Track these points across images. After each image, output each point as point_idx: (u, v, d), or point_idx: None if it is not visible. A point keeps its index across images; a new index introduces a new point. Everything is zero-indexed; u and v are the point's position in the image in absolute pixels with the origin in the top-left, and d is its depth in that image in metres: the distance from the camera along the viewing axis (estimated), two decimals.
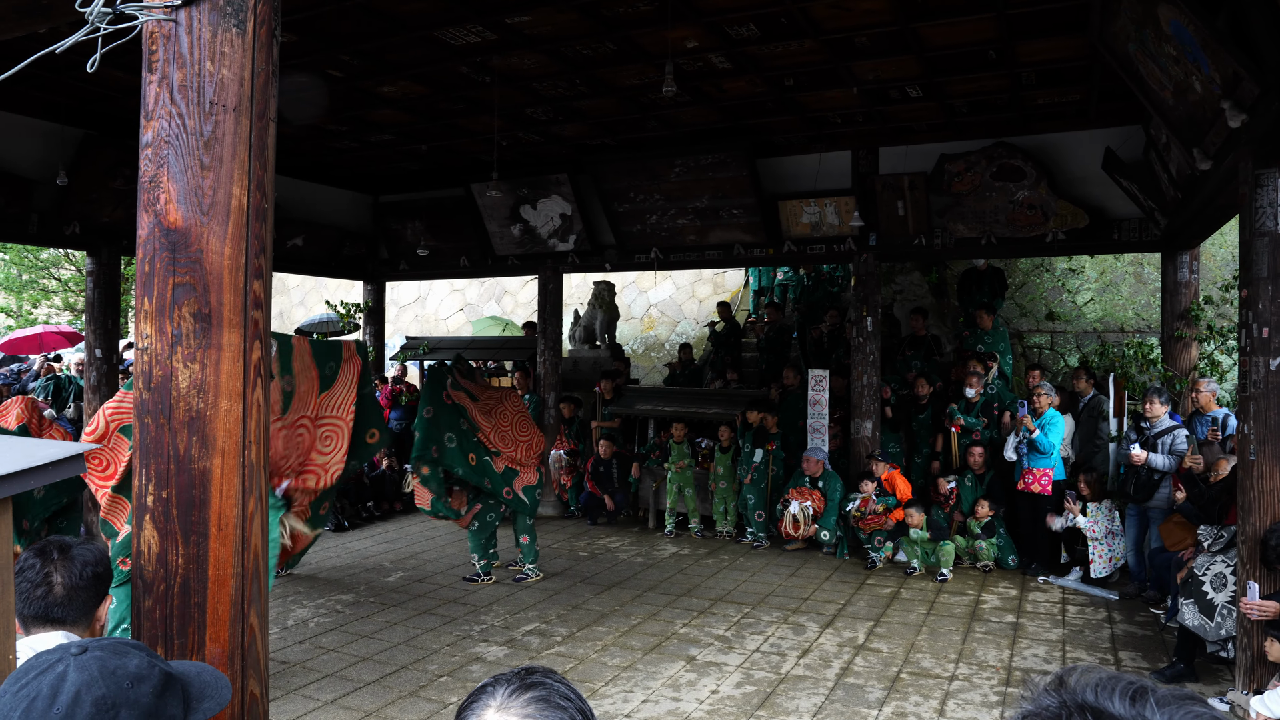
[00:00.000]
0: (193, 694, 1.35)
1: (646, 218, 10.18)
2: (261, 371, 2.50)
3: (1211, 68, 4.58)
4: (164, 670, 1.30)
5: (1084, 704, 0.77)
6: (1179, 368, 8.58)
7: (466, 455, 7.38)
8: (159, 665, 1.29)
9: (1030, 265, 12.00)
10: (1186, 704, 0.76)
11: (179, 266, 2.35)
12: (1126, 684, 0.78)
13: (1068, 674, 0.82)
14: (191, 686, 1.36)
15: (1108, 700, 0.77)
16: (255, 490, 2.48)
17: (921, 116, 8.53)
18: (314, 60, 7.12)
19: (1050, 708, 0.79)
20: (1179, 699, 0.76)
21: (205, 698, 1.37)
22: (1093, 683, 0.79)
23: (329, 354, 5.97)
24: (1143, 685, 0.78)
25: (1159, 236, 8.35)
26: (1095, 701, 0.77)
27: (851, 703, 5.12)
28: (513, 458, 7.68)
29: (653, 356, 16.30)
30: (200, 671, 1.41)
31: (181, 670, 1.37)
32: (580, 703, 1.05)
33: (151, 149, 2.39)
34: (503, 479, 7.60)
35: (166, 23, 2.36)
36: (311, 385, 5.84)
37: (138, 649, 1.29)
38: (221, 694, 1.40)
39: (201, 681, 1.39)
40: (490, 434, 7.55)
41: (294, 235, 11.11)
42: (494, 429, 7.60)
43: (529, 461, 7.80)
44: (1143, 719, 0.75)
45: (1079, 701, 0.78)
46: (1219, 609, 5.27)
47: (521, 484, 7.72)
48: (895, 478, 8.61)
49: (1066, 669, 0.83)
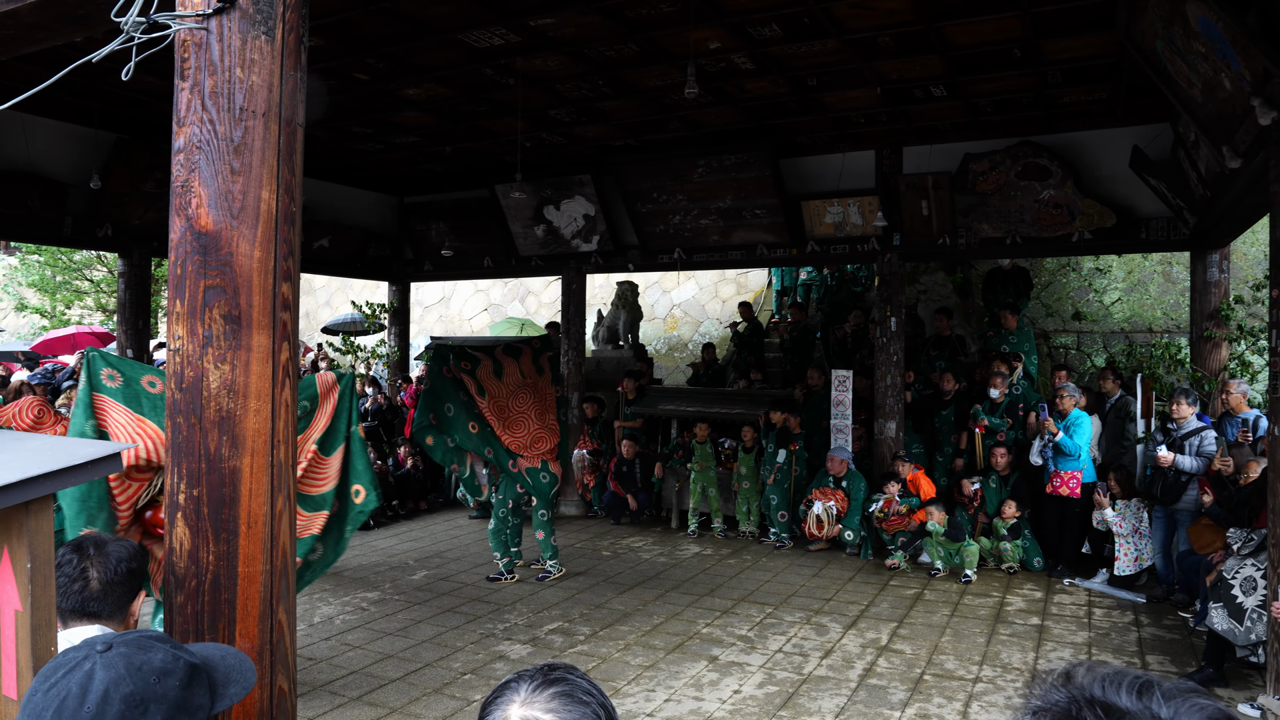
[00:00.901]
0: (218, 680, 1.38)
1: (669, 218, 10.19)
2: (290, 372, 2.55)
3: (1241, 64, 4.52)
4: (188, 661, 1.32)
5: (1092, 698, 0.79)
6: (1208, 368, 8.46)
7: (467, 424, 7.45)
8: (184, 656, 1.32)
9: (1056, 265, 11.88)
10: (1192, 697, 0.77)
11: (210, 269, 2.41)
12: (1133, 678, 0.79)
13: (1075, 669, 0.83)
14: (216, 672, 1.38)
15: (1115, 695, 0.78)
16: (284, 489, 2.53)
17: (945, 116, 8.47)
18: (340, 64, 7.21)
19: (1059, 703, 0.80)
20: (1184, 692, 0.78)
21: (231, 683, 1.39)
22: (1099, 677, 0.81)
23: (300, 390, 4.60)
24: (1149, 679, 0.79)
25: (1188, 235, 8.24)
26: (1103, 696, 0.79)
27: (874, 704, 5.11)
28: (510, 441, 7.59)
29: (676, 357, 16.31)
30: (224, 655, 1.43)
31: (205, 656, 1.39)
32: (602, 698, 1.07)
33: (184, 154, 2.44)
34: (507, 452, 7.59)
35: (198, 31, 2.42)
36: None
37: (161, 641, 1.31)
38: (246, 677, 1.42)
39: (226, 666, 1.41)
40: (485, 411, 7.50)
41: (320, 237, 11.24)
42: (490, 408, 7.51)
43: (527, 452, 7.65)
44: (1149, 712, 0.76)
45: (1087, 696, 0.79)
46: (1249, 613, 5.20)
47: (525, 465, 7.65)
48: (920, 478, 8.57)
49: (1073, 664, 0.84)
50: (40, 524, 1.46)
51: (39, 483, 1.41)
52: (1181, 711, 0.76)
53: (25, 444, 1.66)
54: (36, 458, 1.48)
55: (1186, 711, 0.76)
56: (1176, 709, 0.77)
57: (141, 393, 4.18)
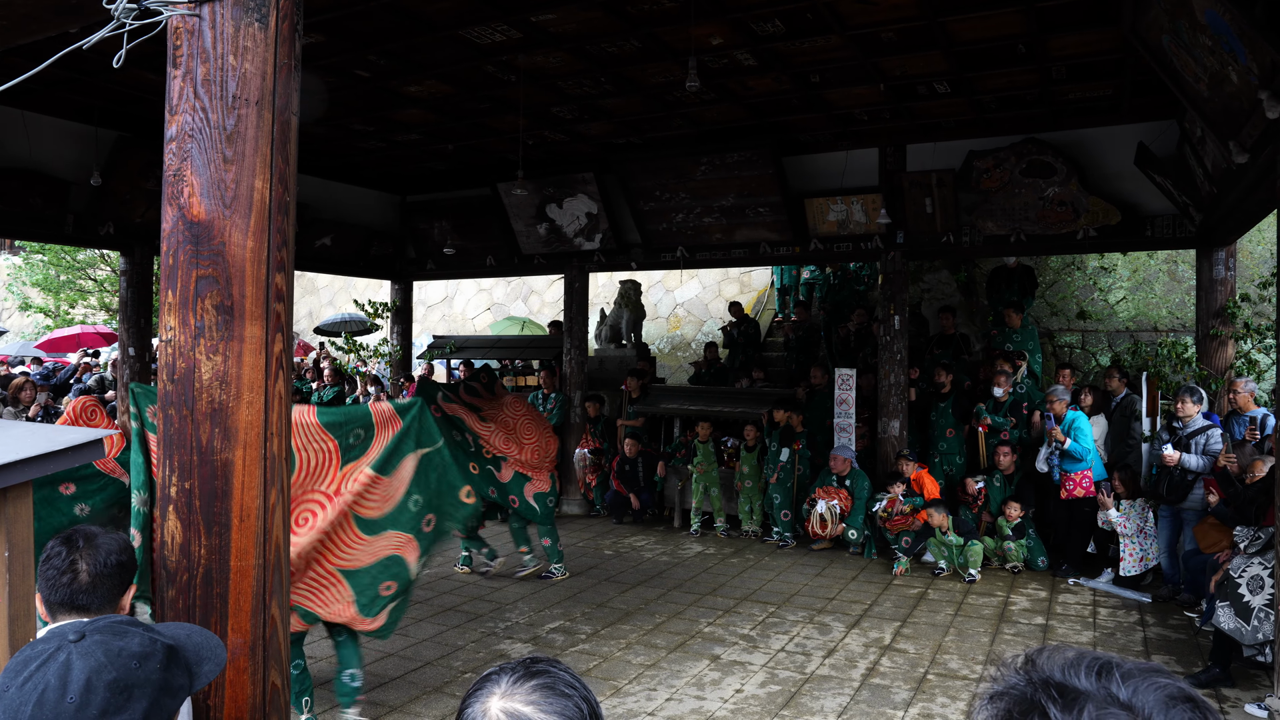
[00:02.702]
0: (191, 659, 1.36)
1: (672, 216, 10.16)
2: (283, 364, 2.51)
3: (1249, 57, 4.47)
4: (165, 643, 1.30)
5: (1049, 680, 0.78)
6: (1215, 366, 8.40)
7: (467, 466, 7.08)
8: (159, 639, 1.30)
9: (1061, 263, 11.82)
10: (1152, 676, 0.76)
11: (202, 259, 2.38)
12: (1093, 659, 0.79)
13: (1037, 654, 0.82)
14: (188, 652, 1.36)
15: (1074, 677, 0.77)
16: (277, 481, 2.49)
17: (950, 113, 8.43)
18: (341, 61, 7.19)
19: (1017, 686, 0.79)
20: (1145, 672, 0.77)
21: (204, 660, 1.38)
22: (1060, 662, 0.80)
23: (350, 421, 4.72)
24: (1109, 660, 0.78)
25: (1194, 233, 8.19)
26: (1062, 678, 0.78)
27: (877, 703, 5.07)
28: (520, 460, 7.44)
29: (678, 355, 16.28)
30: (190, 634, 1.42)
31: (174, 636, 1.37)
32: (584, 691, 1.04)
33: (176, 143, 2.42)
34: (509, 487, 7.41)
35: (190, 18, 2.39)
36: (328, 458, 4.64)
37: (134, 625, 1.29)
38: (217, 654, 1.41)
39: (194, 645, 1.40)
40: (491, 439, 7.34)
41: (322, 235, 11.22)
42: (495, 433, 7.37)
43: (540, 465, 7.55)
44: (1108, 692, 0.75)
45: (1044, 678, 0.78)
46: (1256, 612, 5.15)
47: (533, 490, 7.50)
48: (924, 477, 8.52)
49: (1036, 649, 0.83)
50: (19, 511, 1.43)
51: (16, 469, 1.38)
52: (1140, 689, 0.75)
53: (4, 431, 1.63)
54: (16, 444, 1.45)
55: (1145, 690, 0.75)
56: (1135, 687, 0.75)
57: None
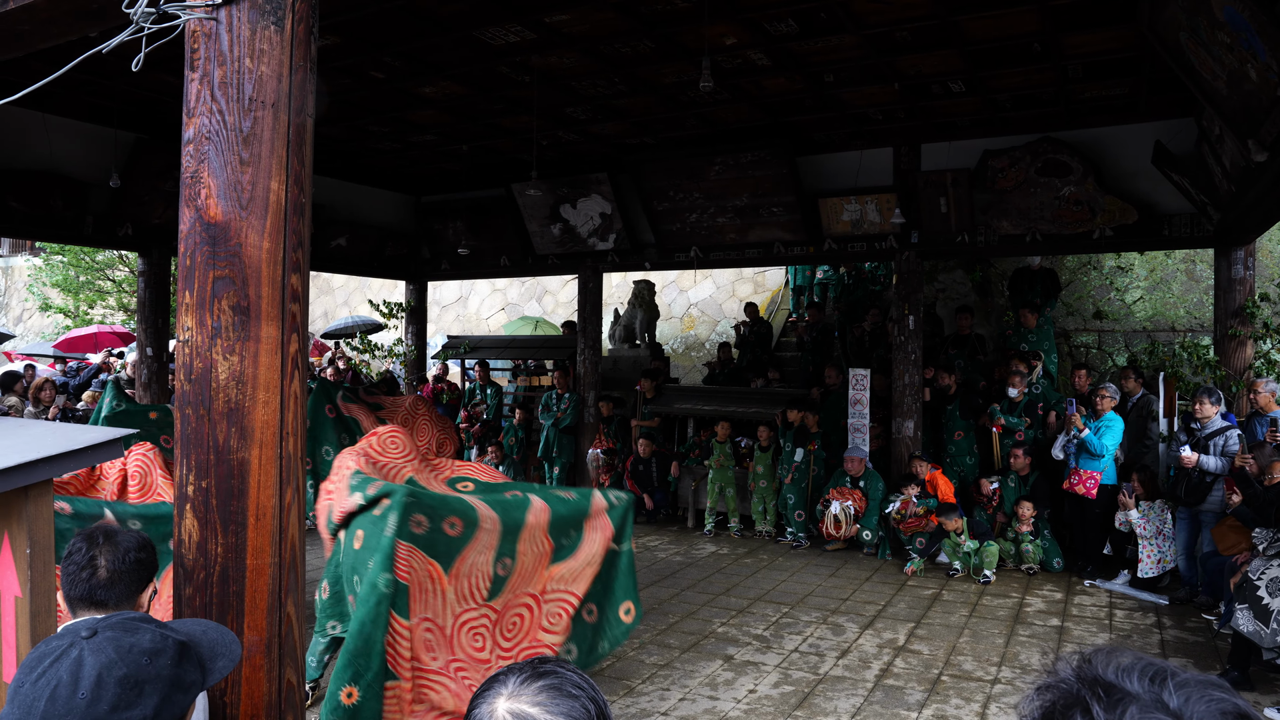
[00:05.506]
0: (205, 655, 1.37)
1: (686, 216, 10.16)
2: (299, 364, 2.54)
3: (1268, 54, 4.43)
4: (176, 639, 1.31)
5: (1098, 679, 0.76)
6: (1233, 367, 8.32)
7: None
8: (171, 635, 1.31)
9: (1077, 263, 11.74)
10: (1208, 690, 0.74)
11: (219, 260, 2.40)
12: (1148, 664, 0.77)
13: (1095, 653, 0.81)
14: (201, 648, 1.37)
15: (1126, 679, 0.75)
16: (292, 481, 2.52)
17: (964, 112, 8.39)
18: (356, 62, 7.23)
19: (1067, 681, 0.78)
20: (1201, 684, 0.74)
21: (218, 656, 1.39)
22: (1115, 663, 0.78)
23: (569, 520, 4.54)
24: (1165, 668, 0.76)
25: (1212, 232, 8.11)
26: (1113, 678, 0.76)
27: (891, 704, 5.05)
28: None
29: (692, 356, 16.27)
30: (205, 630, 1.43)
31: (188, 632, 1.38)
32: (592, 692, 1.05)
33: (193, 145, 2.44)
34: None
35: (208, 21, 2.41)
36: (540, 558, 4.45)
37: (146, 622, 1.30)
38: (232, 650, 1.42)
39: (209, 640, 1.40)
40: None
41: (337, 235, 11.28)
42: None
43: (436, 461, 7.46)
44: (1156, 698, 0.73)
45: (1094, 676, 0.77)
46: (1275, 615, 5.10)
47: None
48: (938, 478, 8.48)
49: (1095, 648, 0.81)
50: (40, 509, 1.45)
51: (37, 467, 1.40)
52: (1192, 699, 0.72)
53: (25, 430, 1.65)
54: (36, 444, 1.47)
55: (1197, 701, 0.72)
56: (1188, 697, 0.73)
57: (439, 538, 3.82)
